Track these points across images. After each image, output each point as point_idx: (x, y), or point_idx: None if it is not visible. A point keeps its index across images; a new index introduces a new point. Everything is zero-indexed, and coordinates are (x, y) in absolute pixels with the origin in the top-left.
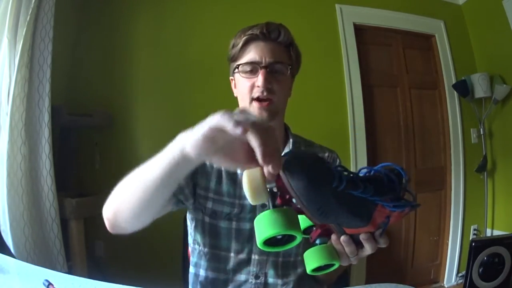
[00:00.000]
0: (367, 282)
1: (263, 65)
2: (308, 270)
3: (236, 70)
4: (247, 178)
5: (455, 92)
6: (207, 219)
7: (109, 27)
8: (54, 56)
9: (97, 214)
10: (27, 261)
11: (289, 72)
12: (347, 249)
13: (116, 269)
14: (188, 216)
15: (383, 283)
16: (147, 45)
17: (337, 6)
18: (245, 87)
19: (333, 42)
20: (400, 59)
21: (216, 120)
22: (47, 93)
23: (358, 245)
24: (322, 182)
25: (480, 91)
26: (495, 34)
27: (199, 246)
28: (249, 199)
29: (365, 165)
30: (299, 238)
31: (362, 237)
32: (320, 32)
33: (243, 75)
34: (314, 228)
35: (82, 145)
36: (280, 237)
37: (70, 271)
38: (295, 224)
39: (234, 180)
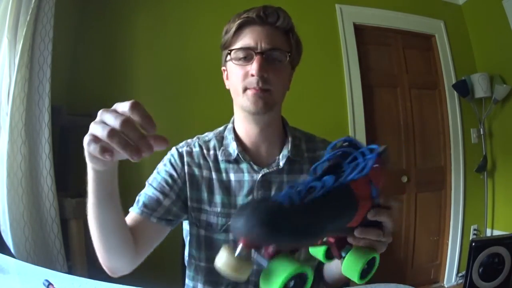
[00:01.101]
0: (367, 282)
1: (258, 51)
2: (357, 280)
3: (228, 57)
4: (220, 263)
5: (455, 92)
6: (202, 232)
7: (109, 27)
8: (54, 56)
9: None
10: (27, 261)
11: (288, 60)
12: (370, 237)
13: None
14: (184, 229)
15: (383, 283)
16: (147, 45)
17: (337, 6)
18: (238, 76)
19: (333, 42)
20: (400, 59)
21: (86, 147)
22: (47, 93)
23: (376, 227)
24: (280, 213)
25: (480, 91)
26: (495, 34)
27: (196, 260)
28: (235, 279)
29: None
30: (310, 276)
31: (369, 215)
32: (320, 32)
33: (236, 62)
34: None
35: (82, 145)
36: (292, 284)
37: (70, 271)
38: (295, 264)
39: (227, 188)
